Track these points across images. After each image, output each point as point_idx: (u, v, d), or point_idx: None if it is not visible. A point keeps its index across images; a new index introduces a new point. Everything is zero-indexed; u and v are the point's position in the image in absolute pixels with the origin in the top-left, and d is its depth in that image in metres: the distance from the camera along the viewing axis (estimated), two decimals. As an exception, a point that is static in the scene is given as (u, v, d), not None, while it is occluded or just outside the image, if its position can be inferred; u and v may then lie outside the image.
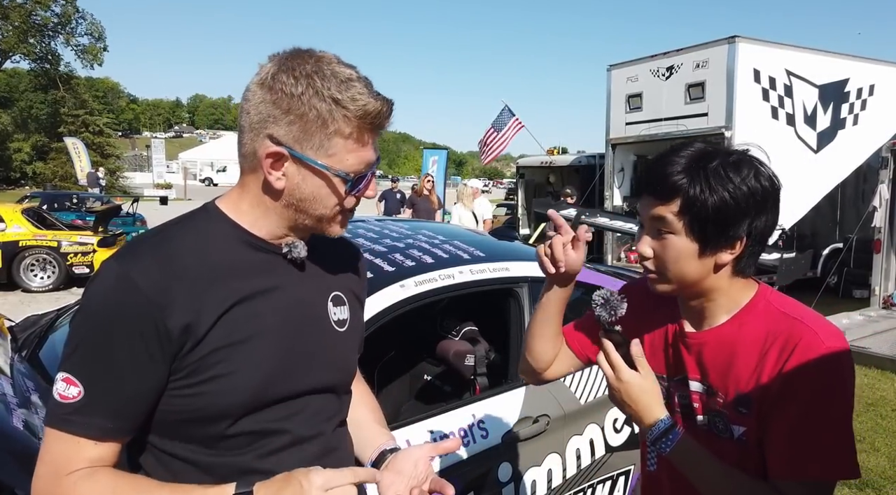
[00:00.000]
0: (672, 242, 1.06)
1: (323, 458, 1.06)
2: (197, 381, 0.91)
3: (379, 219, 3.01)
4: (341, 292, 1.13)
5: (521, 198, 14.71)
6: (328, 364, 1.07)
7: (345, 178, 0.97)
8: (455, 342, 2.52)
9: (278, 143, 0.94)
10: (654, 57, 9.76)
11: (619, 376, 1.07)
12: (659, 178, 1.06)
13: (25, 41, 35.35)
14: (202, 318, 0.90)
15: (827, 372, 1.01)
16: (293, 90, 0.92)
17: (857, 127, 9.89)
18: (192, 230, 0.98)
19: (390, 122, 1.01)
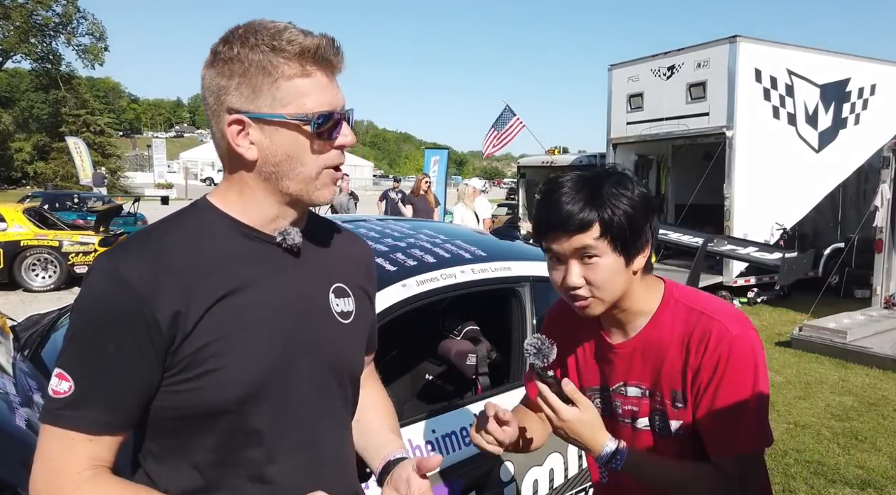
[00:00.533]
0: (601, 264, 1.14)
1: (325, 458, 1.04)
2: (191, 376, 0.90)
3: (380, 219, 3.01)
4: (345, 284, 1.09)
5: (522, 197, 14.72)
6: (331, 356, 1.04)
7: (307, 121, 0.93)
8: (457, 341, 2.52)
9: (235, 111, 0.92)
10: (655, 56, 9.76)
11: (560, 416, 1.13)
12: (568, 216, 1.13)
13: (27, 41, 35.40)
14: (191, 311, 0.89)
15: (738, 356, 1.13)
16: (230, 54, 0.92)
17: (859, 126, 9.89)
18: (182, 225, 0.97)
19: (342, 59, 0.97)
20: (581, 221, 1.12)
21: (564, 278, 1.16)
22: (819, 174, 9.47)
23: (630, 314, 1.22)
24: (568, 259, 1.15)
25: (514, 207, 16.10)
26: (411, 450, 1.85)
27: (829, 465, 3.90)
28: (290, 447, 0.99)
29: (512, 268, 2.38)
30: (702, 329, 1.16)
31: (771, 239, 8.97)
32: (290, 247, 1.00)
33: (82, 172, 24.79)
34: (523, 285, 2.37)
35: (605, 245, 1.13)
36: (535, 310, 2.36)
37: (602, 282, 1.15)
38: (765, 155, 8.84)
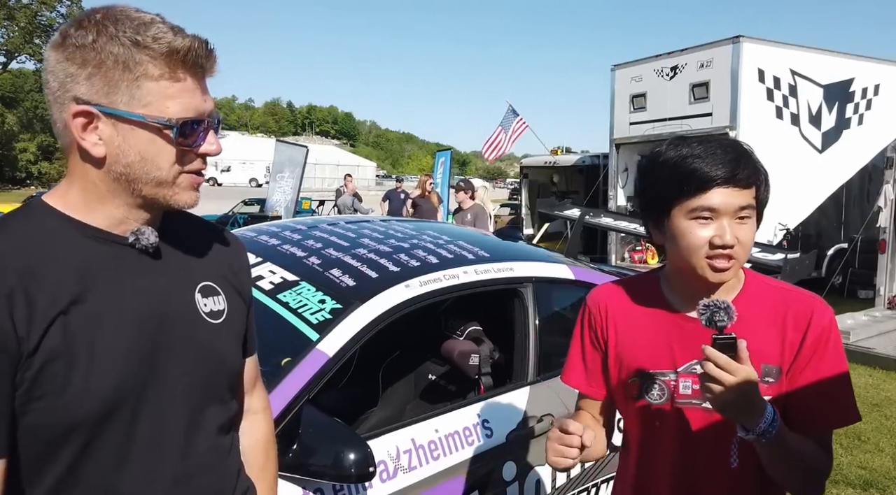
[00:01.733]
0: (750, 226, 1.15)
1: (198, 467, 0.98)
2: (40, 394, 0.81)
3: (384, 220, 3.03)
4: (213, 282, 1.02)
5: (525, 198, 14.72)
6: (202, 359, 0.98)
7: (167, 126, 0.86)
8: (460, 342, 2.53)
9: (84, 102, 0.84)
10: (658, 57, 9.76)
11: (739, 375, 1.02)
12: (741, 169, 1.12)
13: (31, 42, 35.52)
14: (34, 324, 0.81)
15: (836, 335, 1.18)
16: (84, 40, 0.83)
17: (862, 127, 9.86)
18: (14, 231, 0.86)
19: (214, 63, 0.91)
20: (749, 179, 1.14)
21: (717, 236, 1.12)
22: (822, 174, 9.44)
23: (722, 289, 1.20)
24: (723, 216, 1.12)
25: (516, 208, 16.10)
26: (414, 450, 1.87)
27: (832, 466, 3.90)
28: (157, 459, 0.92)
29: (515, 268, 2.39)
30: (800, 304, 1.18)
31: (774, 239, 8.95)
32: (144, 248, 0.92)
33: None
34: (526, 286, 2.38)
35: (754, 208, 1.15)
36: (537, 311, 2.37)
37: (749, 242, 1.15)
38: (768, 155, 8.69)
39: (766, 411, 1.06)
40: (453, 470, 1.92)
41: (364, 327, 1.87)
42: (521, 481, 2.09)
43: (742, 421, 1.06)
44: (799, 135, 9.24)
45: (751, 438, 1.07)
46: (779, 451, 1.10)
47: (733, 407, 1.05)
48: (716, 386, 1.03)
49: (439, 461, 1.90)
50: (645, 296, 1.28)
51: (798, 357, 1.16)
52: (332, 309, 1.91)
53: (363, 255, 2.23)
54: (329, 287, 2.03)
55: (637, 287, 1.33)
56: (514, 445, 2.09)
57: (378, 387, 2.82)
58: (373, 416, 2.69)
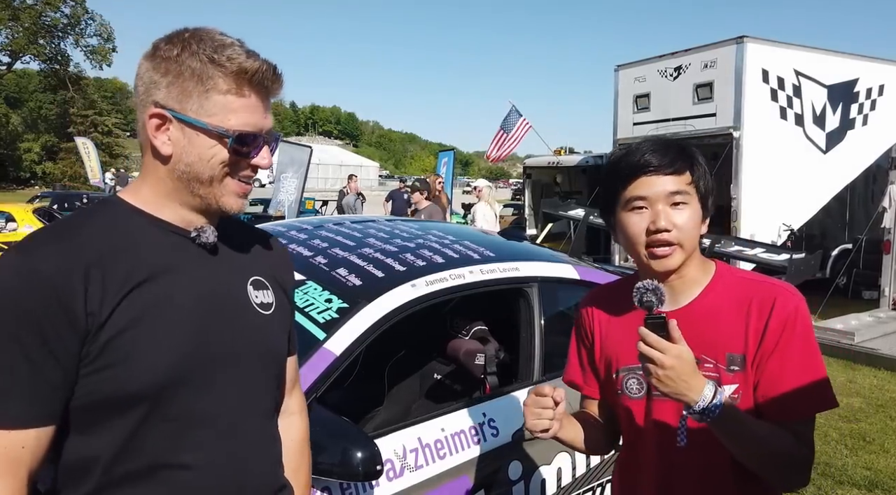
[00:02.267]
0: (689, 210, 1.18)
1: (248, 446, 1.05)
2: (105, 365, 0.90)
3: (389, 219, 3.03)
4: (262, 277, 1.12)
5: (528, 198, 14.71)
6: (252, 345, 1.06)
7: (225, 135, 0.97)
8: (465, 341, 2.53)
9: (160, 107, 0.96)
10: (661, 57, 9.74)
11: (670, 352, 1.06)
12: (665, 157, 1.18)
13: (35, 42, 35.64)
14: (106, 300, 0.90)
15: (803, 321, 1.16)
16: (170, 53, 0.96)
17: (867, 127, 9.83)
18: (94, 218, 0.98)
19: (279, 86, 1.02)
20: (676, 165, 1.18)
21: (651, 222, 1.17)
22: (827, 175, 9.42)
23: (686, 281, 1.24)
24: (657, 203, 1.18)
25: (520, 208, 16.09)
26: (420, 449, 1.87)
27: (837, 467, 3.90)
28: (210, 434, 0.99)
29: (520, 268, 2.39)
30: (764, 292, 1.19)
31: (778, 240, 8.93)
32: (204, 244, 1.03)
33: (91, 173, 24.92)
34: (531, 285, 2.38)
35: (693, 193, 1.19)
36: (542, 311, 2.37)
37: (689, 228, 1.18)
38: (772, 156, 8.81)
39: (706, 390, 1.07)
40: (459, 469, 1.93)
41: (370, 326, 1.88)
42: (526, 480, 2.09)
43: (680, 397, 1.08)
44: (803, 136, 9.22)
45: (694, 417, 1.10)
46: (730, 433, 1.11)
47: (670, 384, 1.08)
48: (650, 365, 1.07)
49: (445, 460, 1.91)
50: (624, 296, 1.29)
51: (762, 344, 1.16)
52: (338, 308, 1.92)
53: (369, 255, 2.24)
54: (335, 286, 2.04)
55: (619, 288, 1.39)
56: (520, 445, 2.10)
57: (384, 386, 2.82)
58: (379, 415, 2.69)
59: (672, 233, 1.17)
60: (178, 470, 0.96)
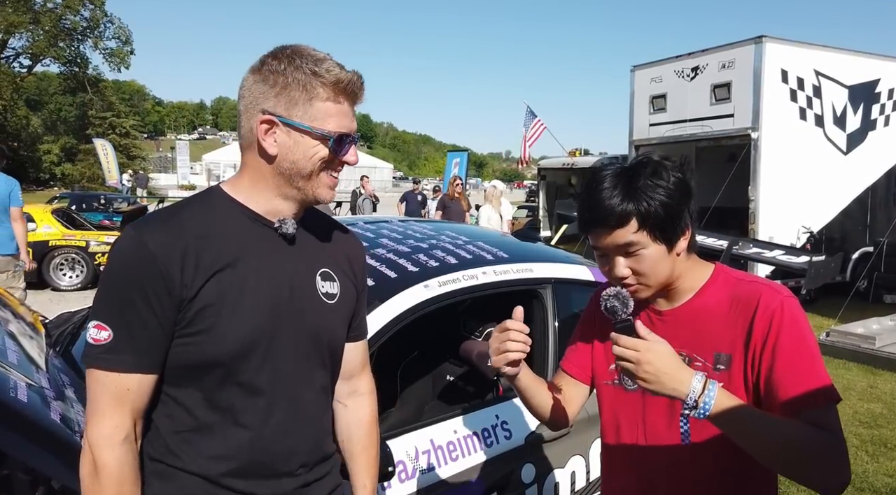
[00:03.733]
0: (645, 255, 1.20)
1: (304, 416, 1.20)
2: (193, 331, 1.07)
3: (402, 220, 3.03)
4: (330, 269, 1.25)
5: (543, 200, 14.66)
6: (314, 328, 1.19)
7: (327, 137, 1.12)
8: (478, 343, 2.52)
9: (270, 113, 1.10)
10: (678, 57, 9.67)
11: (643, 347, 1.08)
12: (606, 212, 1.18)
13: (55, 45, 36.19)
14: (198, 276, 1.06)
15: (792, 315, 1.16)
16: (277, 68, 1.10)
17: (889, 128, 9.69)
18: (196, 205, 1.15)
19: (363, 92, 1.17)
20: (619, 217, 1.17)
21: (611, 270, 1.23)
22: (847, 176, 9.28)
23: (678, 291, 1.27)
24: (611, 254, 1.22)
25: (534, 209, 16.04)
26: (433, 450, 1.86)
27: (857, 473, 3.82)
28: (273, 401, 1.15)
29: (534, 269, 2.38)
30: (750, 291, 1.21)
31: (797, 242, 8.82)
32: (284, 234, 1.17)
33: (108, 174, 25.27)
34: (545, 286, 2.37)
35: (645, 237, 1.18)
36: (556, 312, 2.35)
37: (648, 271, 1.21)
38: (791, 157, 8.70)
39: (694, 381, 1.06)
40: (472, 471, 1.91)
41: (383, 327, 1.87)
42: (539, 483, 2.07)
43: (670, 393, 1.08)
44: (823, 137, 9.09)
45: (692, 413, 1.08)
46: (735, 424, 1.07)
47: (654, 381, 1.08)
48: (628, 365, 1.09)
49: (458, 462, 1.89)
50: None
51: (750, 343, 1.17)
52: (351, 308, 1.91)
53: (382, 255, 2.23)
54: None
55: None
56: (533, 447, 2.08)
57: (396, 387, 2.81)
58: (391, 416, 2.68)
59: (630, 278, 1.22)
60: (240, 428, 1.12)
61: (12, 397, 1.37)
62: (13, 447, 1.34)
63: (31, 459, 1.37)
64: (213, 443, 1.11)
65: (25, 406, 1.38)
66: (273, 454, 1.15)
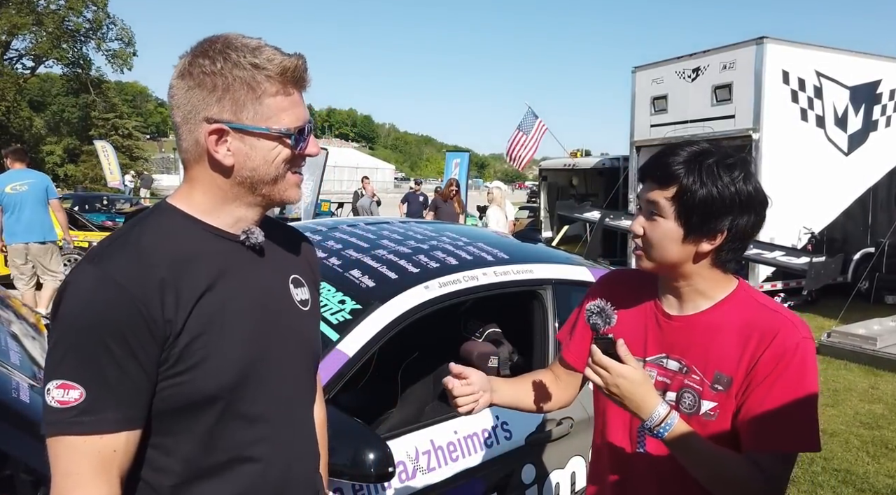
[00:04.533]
0: (660, 224, 1.18)
1: (303, 435, 1.15)
2: (183, 370, 0.94)
3: (403, 221, 3.03)
4: (299, 275, 1.18)
5: (544, 200, 14.65)
6: (301, 343, 1.13)
7: (286, 135, 1.01)
8: (479, 343, 2.52)
9: (216, 121, 0.97)
10: (679, 58, 9.67)
11: (613, 372, 1.11)
12: (660, 166, 1.18)
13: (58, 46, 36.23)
14: (180, 308, 0.94)
15: (801, 359, 1.14)
16: (212, 68, 0.96)
17: (890, 129, 9.67)
18: (152, 227, 1.00)
19: (309, 77, 1.05)
20: (665, 176, 1.16)
21: (632, 222, 1.25)
22: (848, 177, 9.27)
23: (690, 292, 1.23)
24: (643, 209, 1.22)
25: (535, 210, 16.04)
26: (433, 451, 1.87)
27: (858, 474, 3.82)
28: (276, 426, 1.07)
29: (534, 270, 2.38)
30: (769, 321, 1.17)
31: (798, 243, 8.80)
32: (252, 246, 1.07)
33: (110, 175, 25.28)
34: (545, 288, 2.37)
35: (671, 208, 1.16)
36: (556, 313, 2.36)
37: (654, 241, 1.19)
38: (792, 158, 8.69)
39: (657, 410, 1.11)
40: (472, 471, 1.92)
41: (383, 328, 1.88)
42: (539, 484, 2.08)
43: (632, 413, 1.14)
44: (824, 138, 9.08)
45: (646, 432, 1.15)
46: (680, 452, 1.13)
47: (617, 400, 1.13)
48: (597, 381, 1.13)
49: (458, 462, 1.90)
50: (643, 286, 1.34)
51: (753, 371, 1.14)
52: (351, 309, 1.92)
53: (383, 257, 2.24)
54: (349, 287, 2.04)
55: (643, 278, 1.37)
56: (534, 448, 2.08)
57: (397, 388, 2.82)
58: (391, 417, 2.69)
59: (639, 239, 1.22)
60: (249, 463, 1.03)
61: (14, 397, 1.38)
62: (15, 447, 1.35)
63: (34, 459, 1.38)
64: (224, 486, 1.01)
65: (27, 406, 1.39)
66: (288, 480, 1.09)
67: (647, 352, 1.28)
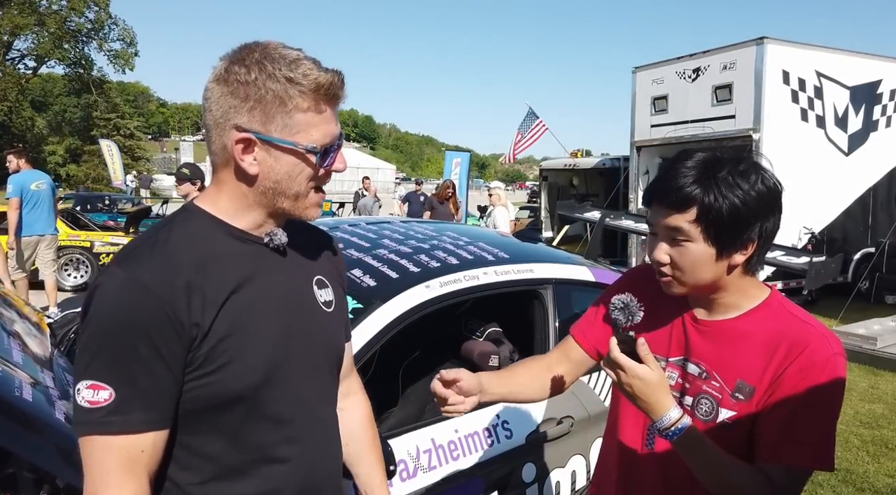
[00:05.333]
0: (689, 249, 1.12)
1: (330, 435, 1.16)
2: (211, 370, 0.96)
3: (404, 221, 3.04)
4: (323, 276, 1.18)
5: (545, 200, 14.65)
6: (324, 344, 1.14)
7: (314, 152, 1.01)
8: (479, 343, 2.53)
9: (244, 130, 0.98)
10: (680, 58, 9.66)
11: (630, 372, 1.09)
12: (672, 189, 1.11)
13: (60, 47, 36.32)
14: (206, 310, 0.95)
15: (830, 375, 1.09)
16: (247, 78, 0.96)
17: (890, 129, 9.67)
18: (180, 229, 1.01)
19: (344, 92, 1.04)
20: (680, 200, 1.10)
21: (651, 251, 1.17)
22: (848, 177, 9.26)
23: (724, 300, 1.19)
24: (660, 234, 1.15)
25: (536, 210, 16.04)
26: (434, 450, 1.88)
27: (858, 474, 3.82)
28: (303, 427, 1.08)
29: (535, 270, 2.39)
30: (800, 333, 1.13)
31: (798, 243, 8.80)
32: (276, 247, 1.08)
33: (114, 175, 25.32)
34: (546, 287, 2.38)
35: (697, 231, 1.10)
36: (557, 312, 2.36)
37: (687, 267, 1.13)
38: (792, 158, 8.69)
39: (669, 413, 1.08)
40: (473, 470, 1.93)
41: (385, 327, 1.89)
42: (540, 483, 2.09)
43: (644, 412, 1.11)
44: (825, 138, 9.08)
45: (656, 433, 1.13)
46: (689, 456, 1.11)
47: (630, 398, 1.11)
48: (613, 377, 1.11)
49: (459, 461, 1.91)
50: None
51: (777, 382, 1.11)
52: (353, 308, 1.93)
53: (384, 256, 2.24)
54: (350, 287, 2.04)
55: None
56: (534, 447, 2.09)
57: (398, 387, 2.83)
58: (392, 416, 2.69)
59: (666, 267, 1.16)
60: (276, 463, 1.04)
61: (17, 396, 1.39)
62: (18, 445, 1.36)
63: (36, 457, 1.39)
64: (249, 485, 1.02)
65: (30, 405, 1.40)
66: (317, 479, 1.10)
67: (671, 353, 1.24)
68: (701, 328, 1.21)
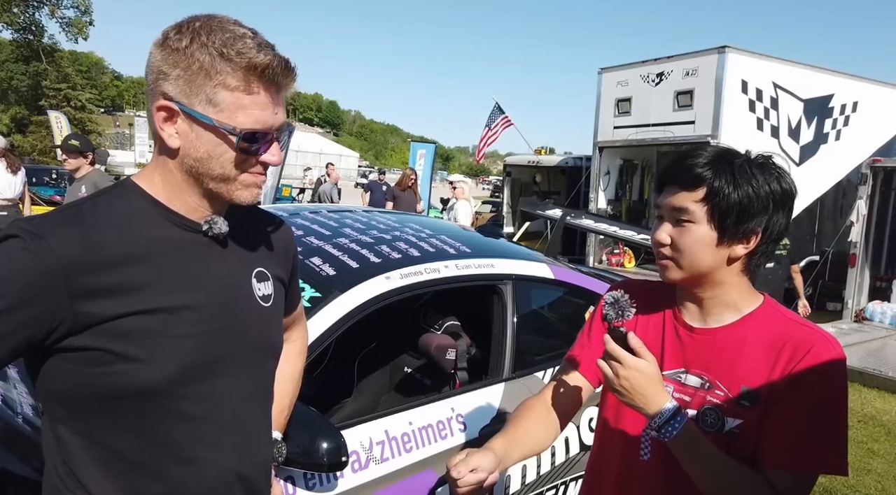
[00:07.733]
0: (691, 230, 1.12)
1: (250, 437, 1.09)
2: (117, 358, 0.90)
3: (366, 210, 3.01)
4: (264, 268, 1.12)
5: (507, 196, 14.76)
6: (255, 340, 1.08)
7: (232, 133, 0.94)
8: (437, 336, 2.53)
9: (169, 99, 0.93)
10: (644, 62, 9.84)
11: (626, 364, 1.07)
12: (685, 168, 1.12)
13: (9, 10, 34.49)
14: (119, 294, 0.90)
15: (834, 376, 1.08)
16: (179, 45, 0.92)
17: (840, 142, 10.06)
18: (110, 205, 0.96)
19: (292, 81, 0.98)
20: (692, 178, 1.10)
21: (655, 232, 1.17)
22: (799, 187, 9.56)
23: (717, 303, 1.17)
24: (666, 216, 1.16)
25: (498, 205, 16.14)
26: (387, 441, 1.87)
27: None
28: (217, 428, 1.02)
29: (495, 265, 2.40)
30: (803, 337, 1.11)
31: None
32: (215, 236, 1.02)
33: (61, 148, 24.27)
34: (506, 283, 2.39)
35: (702, 212, 1.10)
36: (516, 308, 2.38)
37: (686, 248, 1.13)
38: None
39: (666, 406, 1.07)
40: (425, 462, 1.93)
41: (342, 317, 1.86)
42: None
43: (639, 410, 1.10)
44: (778, 148, 9.38)
45: (652, 433, 1.10)
46: (687, 456, 1.09)
47: (626, 395, 1.09)
48: (608, 373, 1.09)
49: (412, 453, 1.90)
50: (658, 297, 1.28)
51: (782, 384, 1.09)
52: (311, 297, 1.90)
53: (344, 245, 2.22)
54: (309, 275, 2.01)
55: (657, 290, 1.32)
56: (487, 441, 2.10)
57: (353, 378, 2.81)
58: (347, 406, 2.68)
59: (666, 248, 1.15)
60: (187, 464, 0.99)
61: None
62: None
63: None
64: (154, 484, 0.98)
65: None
66: (230, 484, 1.05)
67: (664, 367, 1.21)
68: (697, 337, 1.19)
